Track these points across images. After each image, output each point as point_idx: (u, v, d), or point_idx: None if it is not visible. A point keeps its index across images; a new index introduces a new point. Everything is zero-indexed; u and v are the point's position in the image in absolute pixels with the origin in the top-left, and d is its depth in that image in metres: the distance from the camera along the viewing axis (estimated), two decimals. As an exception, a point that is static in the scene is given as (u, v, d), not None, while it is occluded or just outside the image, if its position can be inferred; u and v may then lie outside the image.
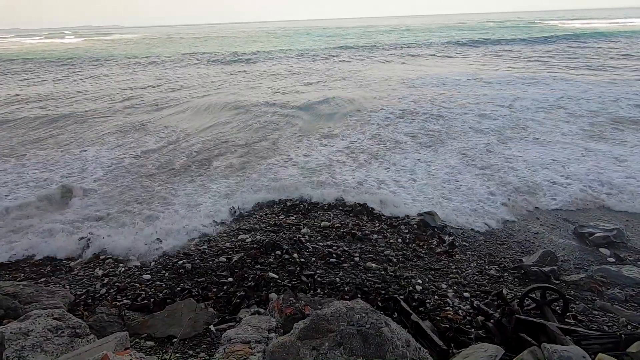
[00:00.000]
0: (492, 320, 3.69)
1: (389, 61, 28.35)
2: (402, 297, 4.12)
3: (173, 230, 6.18)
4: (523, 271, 5.07)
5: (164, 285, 4.77)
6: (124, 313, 4.10)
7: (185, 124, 13.13)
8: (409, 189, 7.76)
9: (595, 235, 5.85)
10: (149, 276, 4.98)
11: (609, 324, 4.02)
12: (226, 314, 4.14)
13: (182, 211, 6.91)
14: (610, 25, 56.58)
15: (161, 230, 6.15)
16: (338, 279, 4.77)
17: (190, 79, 22.79)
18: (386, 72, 22.75)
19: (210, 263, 5.15)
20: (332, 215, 6.69)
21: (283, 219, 6.50)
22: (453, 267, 5.25)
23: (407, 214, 6.73)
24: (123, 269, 5.24)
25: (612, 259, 5.40)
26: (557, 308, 3.95)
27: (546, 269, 4.98)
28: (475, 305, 4.21)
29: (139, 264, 5.38)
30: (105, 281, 4.95)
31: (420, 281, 4.81)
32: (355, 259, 5.28)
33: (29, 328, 2.76)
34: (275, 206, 7.11)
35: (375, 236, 5.97)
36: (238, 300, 4.34)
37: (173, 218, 6.64)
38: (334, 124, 12.53)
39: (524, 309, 3.83)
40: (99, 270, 5.25)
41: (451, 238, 5.97)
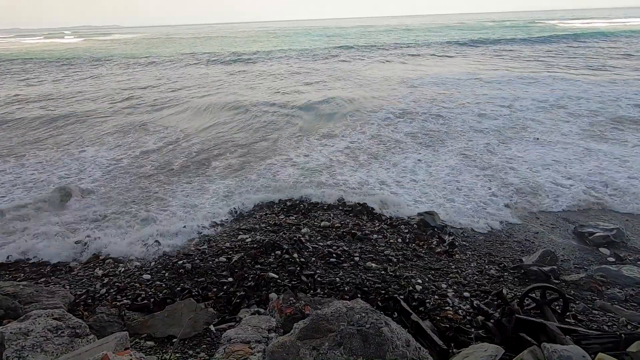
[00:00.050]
0: (492, 320, 3.69)
1: (388, 61, 28.35)
2: (402, 297, 4.13)
3: (172, 231, 6.16)
4: (523, 271, 5.07)
5: (164, 285, 4.77)
6: (124, 313, 4.10)
7: (185, 124, 13.14)
8: (410, 190, 7.73)
9: (595, 234, 5.85)
10: (149, 276, 4.99)
11: (609, 324, 4.02)
12: (226, 314, 4.15)
13: (181, 212, 6.90)
14: (610, 25, 56.54)
15: (160, 231, 6.12)
16: (338, 279, 4.78)
17: (190, 79, 22.79)
18: (386, 72, 22.74)
19: (210, 263, 5.15)
20: (332, 215, 6.69)
21: (283, 218, 6.50)
22: (453, 267, 5.25)
23: (410, 215, 6.70)
24: (123, 269, 5.24)
25: (612, 259, 5.41)
26: (557, 308, 3.95)
27: (546, 268, 4.98)
28: (475, 305, 4.22)
29: (138, 264, 5.38)
30: (105, 281, 4.95)
31: (420, 281, 4.81)
32: (355, 258, 5.28)
33: (29, 328, 2.76)
34: (275, 206, 7.11)
35: (375, 236, 5.97)
36: (238, 300, 4.34)
37: (172, 219, 6.63)
38: (334, 123, 12.53)
39: (524, 308, 3.83)
40: (99, 270, 5.25)
41: (451, 238, 5.97)
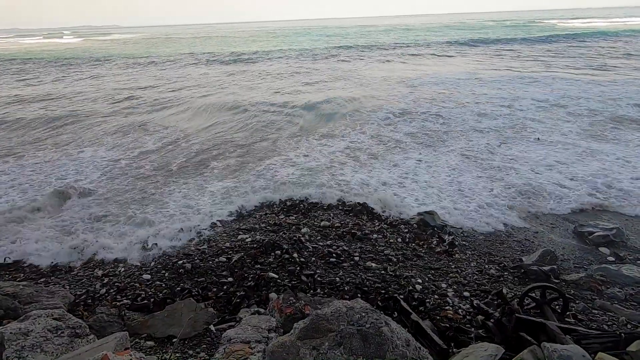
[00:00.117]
0: (492, 320, 3.69)
1: (388, 61, 28.33)
2: (402, 297, 4.13)
3: (171, 231, 6.14)
4: (523, 270, 5.07)
5: (163, 285, 4.77)
6: (124, 313, 4.10)
7: (184, 124, 13.14)
8: (410, 190, 7.68)
9: (595, 234, 5.85)
10: (149, 276, 4.99)
11: (609, 323, 4.03)
12: (226, 314, 4.15)
13: (181, 212, 6.89)
14: (610, 24, 56.55)
15: (159, 232, 6.10)
16: (338, 279, 4.78)
17: (189, 79, 22.78)
18: (386, 72, 22.73)
19: (210, 263, 5.15)
20: (332, 214, 6.69)
21: (283, 218, 6.50)
22: (453, 267, 5.25)
23: (411, 216, 6.65)
24: (123, 269, 5.25)
25: (612, 258, 5.40)
26: (557, 307, 3.95)
27: (546, 268, 4.98)
28: (475, 304, 4.22)
29: (138, 264, 5.38)
30: (105, 281, 4.95)
31: (420, 280, 4.81)
32: (355, 258, 5.28)
33: (28, 328, 2.76)
34: (274, 206, 7.11)
35: (375, 236, 5.97)
36: (238, 300, 4.34)
37: (171, 219, 6.62)
38: (334, 123, 12.53)
39: (523, 308, 3.83)
40: (99, 270, 5.26)
41: (451, 237, 5.96)
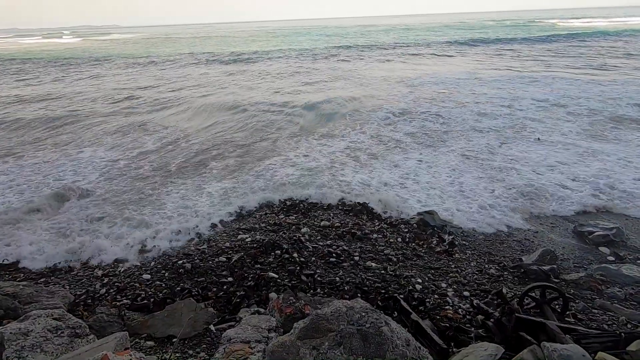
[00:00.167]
0: (492, 319, 3.69)
1: (388, 60, 28.33)
2: (402, 296, 4.12)
3: (171, 231, 6.14)
4: (523, 270, 5.07)
5: (163, 285, 4.77)
6: (123, 313, 4.10)
7: (184, 124, 13.13)
8: (412, 191, 7.64)
9: (595, 234, 5.85)
10: (149, 276, 4.99)
11: (609, 323, 4.03)
12: (226, 314, 4.15)
13: (180, 212, 6.88)
14: (610, 24, 56.56)
15: (158, 233, 6.09)
16: (338, 279, 4.78)
17: (189, 78, 22.78)
18: (386, 72, 22.73)
19: (210, 263, 5.15)
20: (332, 214, 6.69)
21: (283, 218, 6.50)
22: (453, 266, 5.25)
23: (411, 216, 6.63)
24: (123, 269, 5.24)
25: (612, 258, 5.40)
26: (557, 307, 3.95)
27: (546, 267, 4.98)
28: (475, 304, 4.21)
29: (138, 263, 5.38)
30: (105, 281, 4.95)
31: (420, 280, 4.81)
32: (355, 258, 5.28)
33: (28, 328, 2.76)
34: (274, 206, 7.11)
35: (375, 235, 5.97)
36: (238, 300, 4.34)
37: (170, 219, 6.61)
38: (334, 123, 12.53)
39: (523, 307, 3.83)
40: (99, 270, 5.25)
41: (451, 237, 5.96)
